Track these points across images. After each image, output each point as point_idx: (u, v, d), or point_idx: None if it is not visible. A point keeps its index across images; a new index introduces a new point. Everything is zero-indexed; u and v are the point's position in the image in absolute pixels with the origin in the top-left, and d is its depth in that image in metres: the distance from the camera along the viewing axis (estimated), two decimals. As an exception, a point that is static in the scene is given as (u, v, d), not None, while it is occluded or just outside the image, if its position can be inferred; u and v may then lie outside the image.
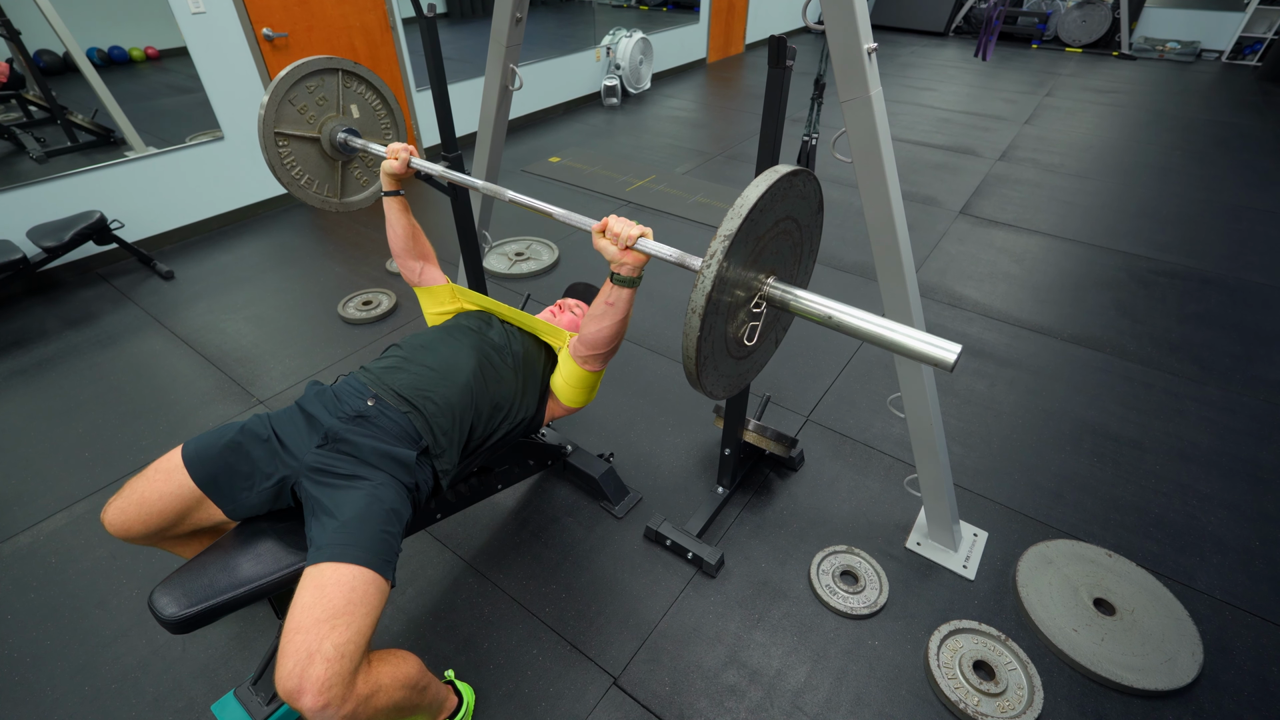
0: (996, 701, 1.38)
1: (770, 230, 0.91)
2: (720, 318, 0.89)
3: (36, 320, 2.71)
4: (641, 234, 1.07)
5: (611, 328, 1.20)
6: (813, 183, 0.95)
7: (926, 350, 0.85)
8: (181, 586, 1.10)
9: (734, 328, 0.94)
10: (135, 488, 1.13)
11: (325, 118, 1.60)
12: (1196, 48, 7.17)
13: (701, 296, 0.81)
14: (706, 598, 1.61)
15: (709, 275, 0.80)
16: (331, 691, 0.87)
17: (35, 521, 1.81)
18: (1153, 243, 3.30)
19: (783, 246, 0.97)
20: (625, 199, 3.79)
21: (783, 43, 1.09)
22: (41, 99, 3.00)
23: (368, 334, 2.62)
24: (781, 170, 0.85)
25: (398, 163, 1.42)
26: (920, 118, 5.19)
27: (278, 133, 1.54)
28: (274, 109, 1.51)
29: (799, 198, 0.93)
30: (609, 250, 1.10)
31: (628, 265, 1.10)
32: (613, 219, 1.09)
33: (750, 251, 0.88)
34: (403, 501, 1.11)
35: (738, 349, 0.99)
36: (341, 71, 1.58)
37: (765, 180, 0.83)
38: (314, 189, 1.66)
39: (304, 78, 1.54)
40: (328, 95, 1.59)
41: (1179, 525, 1.80)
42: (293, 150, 1.59)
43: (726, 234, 0.79)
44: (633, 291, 1.17)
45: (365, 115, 1.66)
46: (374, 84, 1.64)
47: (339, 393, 1.24)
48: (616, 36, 5.60)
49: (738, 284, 0.89)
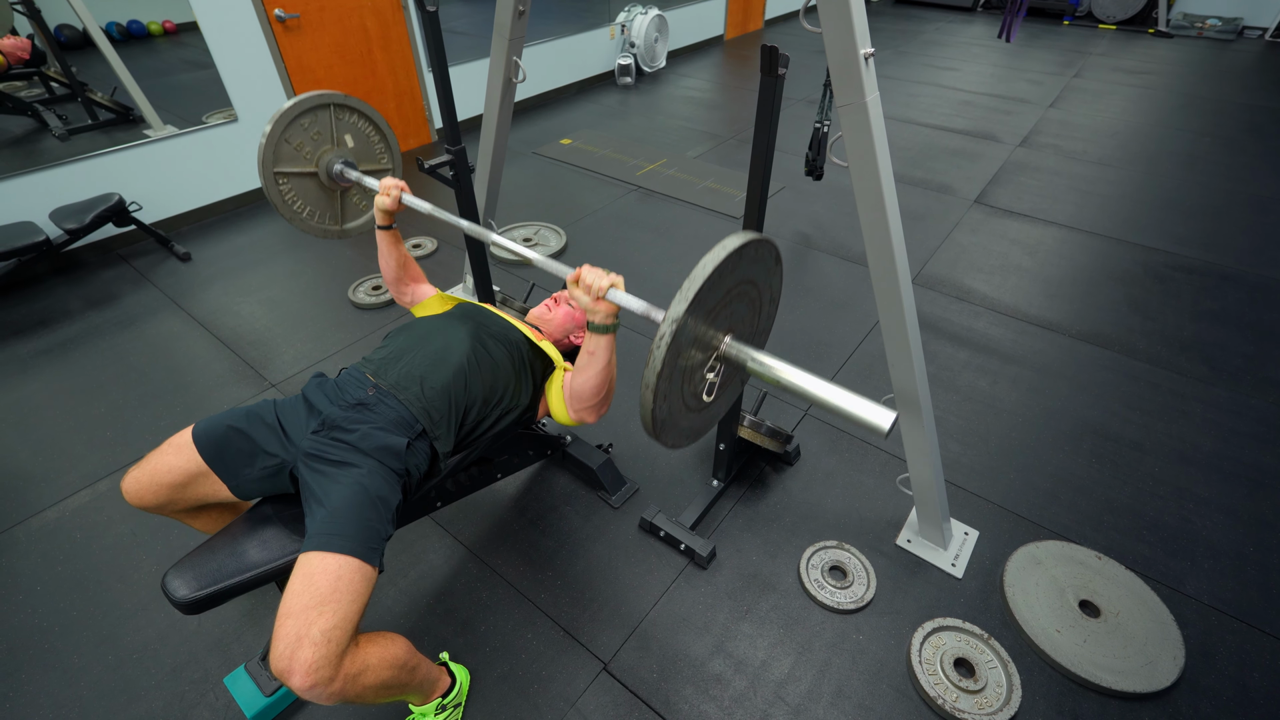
0: (975, 698, 1.42)
1: (727, 295, 0.93)
2: (678, 378, 0.91)
3: (60, 301, 2.81)
4: (611, 284, 1.09)
5: (597, 376, 1.22)
6: (767, 247, 0.97)
7: (862, 415, 0.89)
8: (193, 570, 1.16)
9: (691, 385, 0.96)
10: (150, 459, 1.22)
11: (321, 151, 1.64)
12: (1238, 24, 6.87)
13: (652, 375, 0.84)
14: (697, 589, 1.66)
15: (659, 355, 0.83)
16: (319, 673, 0.93)
17: (61, 498, 1.90)
18: (1172, 236, 3.22)
19: (740, 308, 0.99)
20: (635, 183, 3.78)
21: (774, 51, 1.08)
22: (62, 75, 3.05)
23: (377, 319, 2.67)
24: (731, 246, 0.86)
25: (390, 200, 1.46)
26: (941, 100, 5.07)
27: (277, 172, 1.59)
28: (271, 151, 1.55)
29: (754, 262, 0.95)
30: (582, 300, 1.12)
31: (600, 313, 1.13)
32: (585, 269, 1.11)
33: (707, 316, 0.90)
34: (391, 489, 1.16)
35: (696, 403, 1.01)
36: (333, 106, 1.62)
37: (714, 259, 0.85)
38: (315, 220, 1.71)
39: (298, 116, 1.58)
40: (322, 130, 1.62)
41: (1173, 529, 1.80)
42: (293, 185, 1.64)
43: (674, 317, 0.82)
44: (611, 337, 1.19)
45: (359, 143, 1.70)
46: (365, 113, 1.68)
47: (341, 384, 1.30)
48: (632, 13, 5.50)
49: (695, 345, 0.91)
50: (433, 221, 3.42)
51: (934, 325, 2.61)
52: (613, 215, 3.47)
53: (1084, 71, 5.74)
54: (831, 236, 3.25)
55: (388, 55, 3.95)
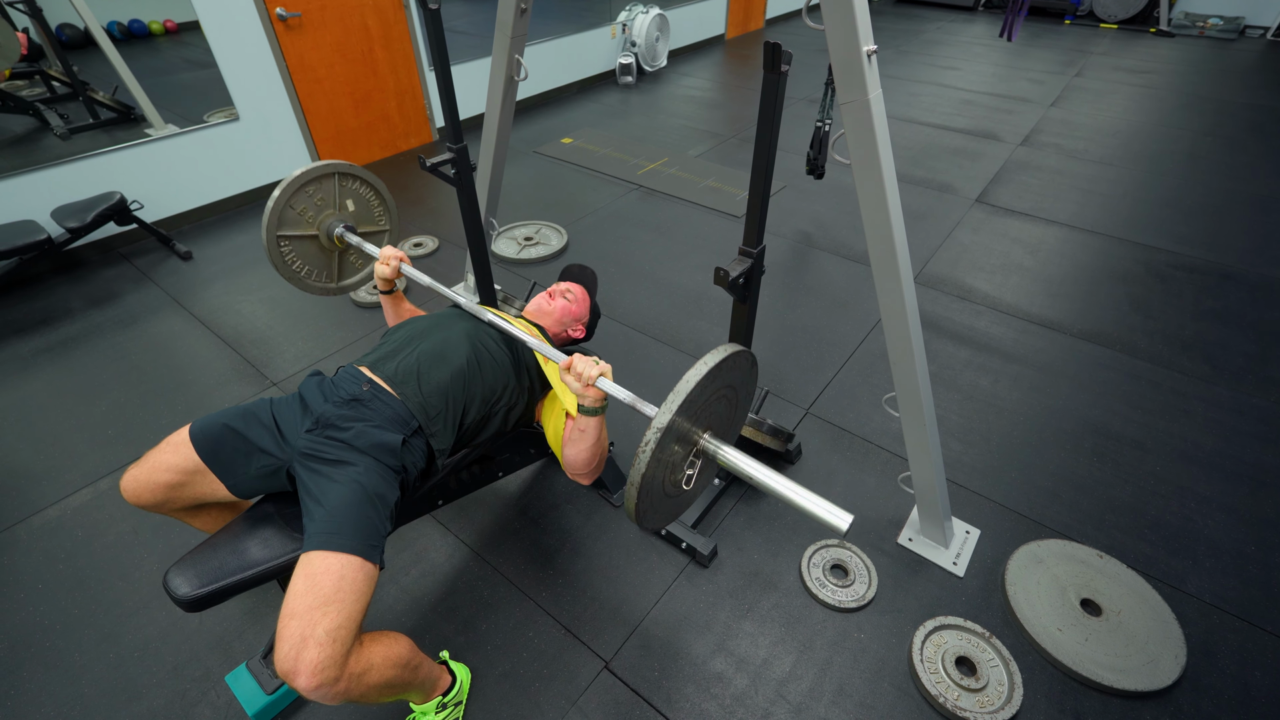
0: (976, 697, 1.42)
1: (710, 398, 1.01)
2: (660, 472, 0.99)
3: (62, 299, 2.81)
4: (600, 373, 1.16)
5: (588, 450, 1.26)
6: (744, 356, 1.06)
7: (822, 515, 0.96)
8: (194, 568, 1.17)
9: (672, 475, 1.04)
10: (149, 458, 1.22)
11: (323, 215, 1.70)
12: (1240, 24, 6.86)
13: (637, 475, 0.93)
14: (699, 587, 1.66)
15: (644, 459, 0.92)
16: (325, 673, 0.93)
17: (62, 496, 1.91)
18: (1174, 235, 3.22)
19: (719, 408, 1.07)
20: (636, 182, 3.77)
21: (777, 48, 1.08)
22: (63, 74, 3.05)
23: (378, 318, 2.67)
24: (712, 362, 0.96)
25: (389, 269, 1.53)
26: (942, 99, 5.06)
27: (280, 235, 1.64)
28: (276, 217, 1.61)
29: (732, 369, 1.04)
30: (573, 385, 1.18)
31: (590, 398, 1.19)
32: (577, 359, 1.18)
33: (689, 418, 0.99)
34: (389, 486, 1.16)
35: (674, 490, 1.08)
36: (338, 175, 1.67)
37: (695, 375, 0.95)
38: (313, 279, 1.77)
39: (304, 185, 1.63)
40: (325, 196, 1.68)
41: (1174, 528, 1.80)
42: (294, 248, 1.70)
43: (659, 426, 0.92)
44: (600, 418, 1.24)
45: (360, 207, 1.76)
46: (368, 180, 1.74)
47: (337, 381, 1.30)
48: (633, 12, 5.50)
49: (679, 440, 1.00)
50: (435, 220, 3.42)
51: (935, 324, 2.60)
52: (614, 214, 3.46)
53: (1085, 71, 5.74)
54: (833, 235, 3.24)
55: (389, 54, 3.95)
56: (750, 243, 1.39)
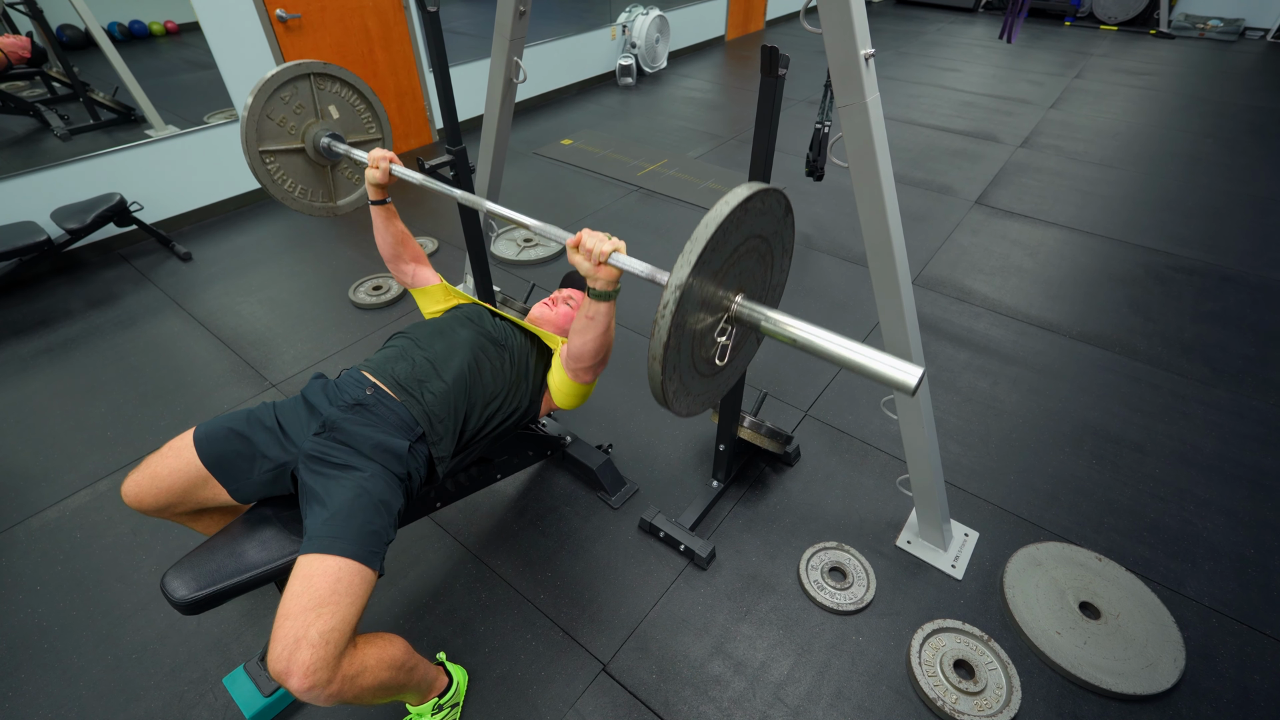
0: (974, 700, 1.42)
1: (735, 253, 0.88)
2: (686, 343, 0.87)
3: (61, 300, 2.81)
4: (614, 249, 1.05)
5: (595, 340, 1.21)
6: (775, 197, 0.91)
7: (887, 372, 0.84)
8: (192, 570, 1.16)
9: (703, 349, 0.93)
10: (150, 463, 1.21)
11: (306, 125, 1.59)
12: (1240, 26, 6.86)
13: (659, 346, 0.80)
14: (697, 589, 1.66)
15: (664, 325, 0.79)
16: (317, 675, 0.93)
17: (61, 498, 1.91)
18: (1174, 237, 3.22)
19: (751, 264, 0.94)
20: (636, 184, 3.78)
21: (774, 52, 1.08)
22: (64, 75, 3.05)
23: (377, 319, 2.67)
24: (734, 201, 0.81)
25: (379, 172, 1.42)
26: (942, 100, 5.06)
27: (262, 151, 1.54)
28: (253, 129, 1.50)
29: (762, 215, 0.90)
30: (583, 265, 1.08)
31: (601, 280, 1.09)
32: (586, 233, 1.07)
33: (714, 277, 0.86)
34: (393, 492, 1.16)
35: (707, 368, 0.97)
36: (312, 75, 1.55)
37: (717, 216, 0.80)
38: (308, 198, 1.66)
39: (277, 89, 1.52)
40: (304, 102, 1.57)
41: (1174, 530, 1.80)
42: (280, 164, 1.59)
43: (678, 283, 0.78)
44: (611, 304, 1.16)
45: (345, 113, 1.64)
46: (348, 81, 1.61)
47: (341, 384, 1.29)
48: (633, 14, 5.50)
49: (704, 306, 0.87)
50: (434, 221, 3.42)
51: (934, 326, 2.60)
52: (614, 216, 3.46)
53: (1085, 72, 5.74)
54: (832, 237, 3.24)
55: (389, 55, 3.95)
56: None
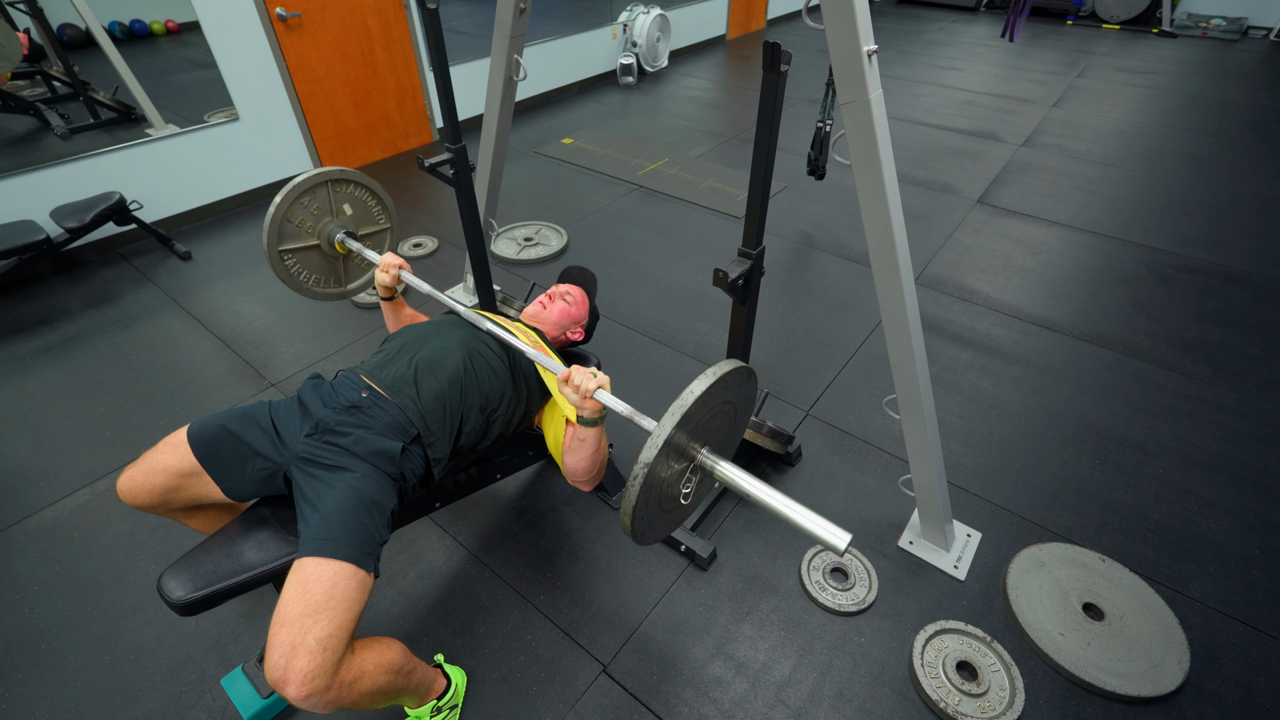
0: (977, 702, 1.41)
1: (708, 414, 0.99)
2: (653, 495, 0.97)
3: (60, 299, 2.80)
4: (599, 386, 1.14)
5: (588, 459, 1.25)
6: (744, 374, 1.05)
7: (819, 533, 0.94)
8: (189, 571, 1.16)
9: (670, 489, 1.03)
10: (144, 459, 1.21)
11: (322, 224, 1.70)
12: (1243, 24, 6.84)
13: (629, 505, 0.92)
14: (697, 590, 1.65)
15: (634, 491, 0.90)
16: (315, 682, 0.92)
17: (60, 497, 1.90)
18: (1177, 236, 3.20)
19: (718, 424, 1.05)
20: (637, 183, 3.77)
21: (777, 48, 1.07)
22: (64, 74, 3.05)
23: (376, 319, 2.66)
24: (710, 380, 0.93)
25: (388, 277, 1.53)
26: (943, 100, 5.05)
27: (282, 250, 1.64)
28: (274, 232, 1.61)
29: (729, 386, 1.01)
30: (571, 397, 1.17)
31: (588, 410, 1.17)
32: (575, 371, 1.16)
33: (687, 435, 0.97)
34: (386, 493, 1.15)
35: (672, 504, 1.07)
36: (330, 182, 1.67)
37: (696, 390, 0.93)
38: (320, 286, 1.78)
39: (299, 197, 1.62)
40: (321, 205, 1.68)
41: (1177, 531, 1.78)
42: (297, 260, 1.70)
43: (646, 461, 0.90)
44: (599, 429, 1.22)
45: (357, 209, 1.76)
46: (361, 182, 1.73)
47: (336, 386, 1.29)
48: (634, 13, 5.49)
49: (676, 457, 0.98)
50: (434, 220, 3.42)
51: (936, 325, 2.59)
52: (614, 215, 3.46)
53: (1087, 71, 5.72)
54: (833, 236, 3.23)
55: (389, 54, 3.94)
56: (750, 244, 1.38)
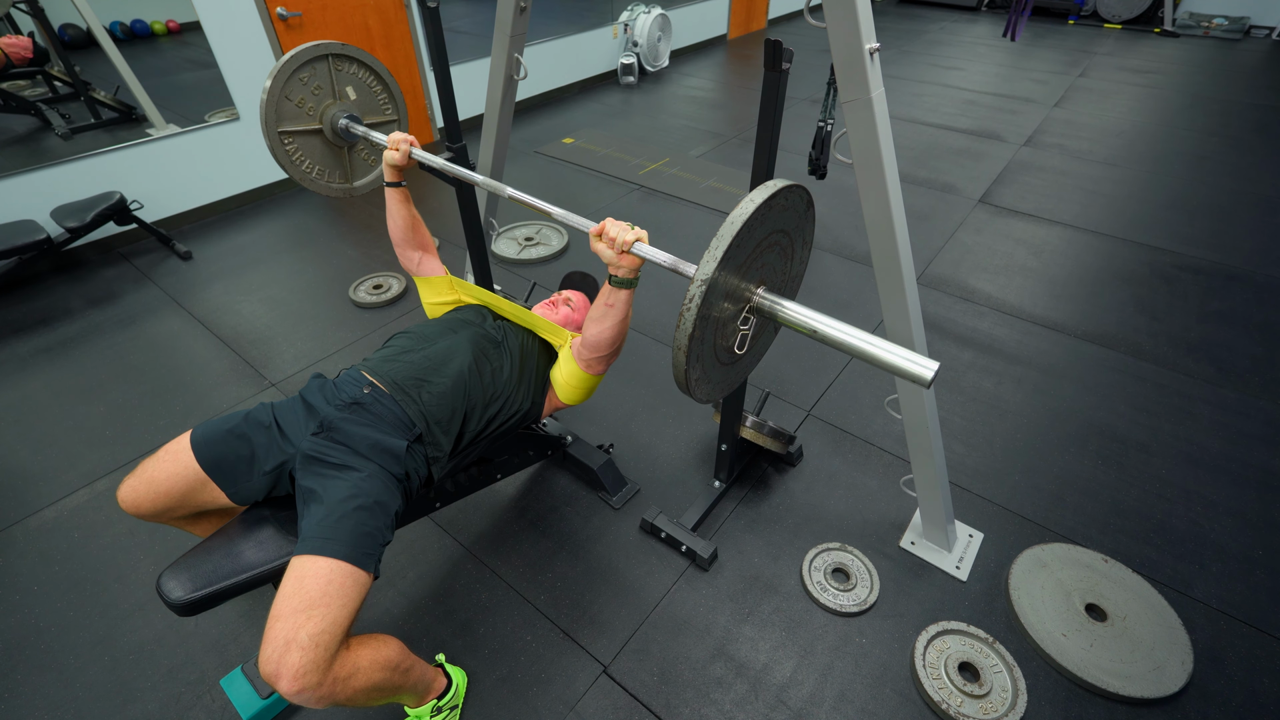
0: (979, 703, 1.40)
1: (758, 247, 0.91)
2: (709, 333, 0.89)
3: (61, 299, 2.80)
4: (637, 238, 1.08)
5: (613, 328, 1.21)
6: (797, 194, 0.94)
7: (903, 365, 0.85)
8: (188, 571, 1.15)
9: (724, 338, 0.96)
10: (146, 468, 1.19)
11: (324, 106, 1.60)
12: (1245, 24, 6.82)
13: (684, 337, 0.83)
14: (698, 591, 1.65)
15: (689, 318, 0.82)
16: (306, 678, 0.92)
17: (59, 497, 1.90)
18: (1179, 236, 3.19)
19: (772, 258, 0.97)
20: (638, 183, 3.76)
21: (778, 45, 1.07)
22: (65, 74, 3.05)
23: (377, 318, 2.66)
24: (759, 200, 0.84)
25: (399, 154, 1.42)
26: (945, 99, 5.04)
27: (281, 131, 1.55)
28: (273, 109, 1.52)
29: (784, 211, 0.93)
30: (606, 253, 1.11)
31: (624, 268, 1.12)
32: (609, 223, 1.08)
33: (738, 269, 0.89)
34: (390, 493, 1.14)
35: (727, 356, 1.00)
36: (330, 56, 1.56)
37: (742, 214, 0.82)
38: (325, 179, 1.67)
39: (296, 70, 1.53)
40: (322, 83, 1.58)
41: (1181, 532, 1.78)
42: (299, 145, 1.60)
43: (704, 277, 0.80)
44: (631, 292, 1.18)
45: (362, 95, 1.65)
46: (365, 62, 1.62)
47: (339, 384, 1.28)
48: (635, 12, 5.49)
49: (727, 297, 0.90)
50: (435, 220, 3.41)
51: (938, 325, 2.59)
52: (615, 214, 3.42)
53: (1089, 71, 5.71)
54: (835, 236, 3.23)
55: (390, 53, 3.94)
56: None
